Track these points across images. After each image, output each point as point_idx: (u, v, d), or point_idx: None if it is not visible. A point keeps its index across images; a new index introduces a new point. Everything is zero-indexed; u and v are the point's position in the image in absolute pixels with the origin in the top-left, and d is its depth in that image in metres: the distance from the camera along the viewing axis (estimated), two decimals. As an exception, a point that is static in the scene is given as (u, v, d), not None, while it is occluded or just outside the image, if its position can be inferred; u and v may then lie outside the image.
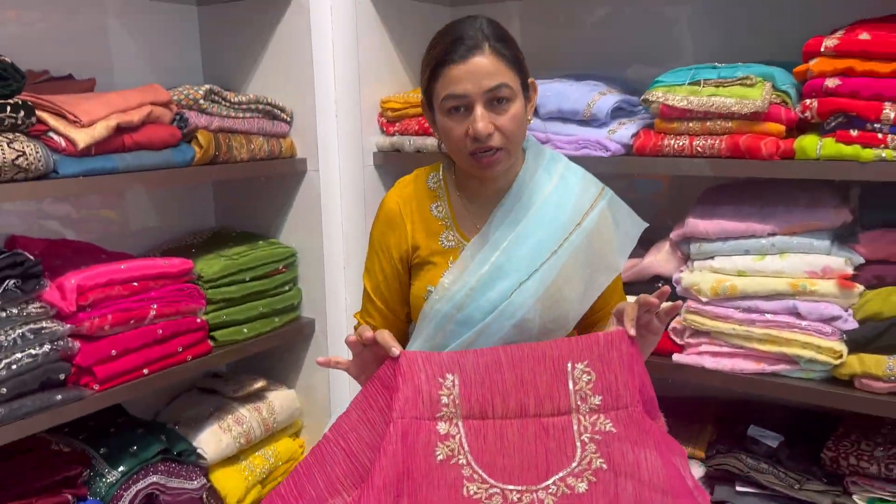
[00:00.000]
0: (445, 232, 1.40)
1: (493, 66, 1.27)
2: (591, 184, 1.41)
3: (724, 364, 1.65)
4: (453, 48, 1.27)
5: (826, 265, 1.55)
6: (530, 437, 1.19)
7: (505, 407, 1.20)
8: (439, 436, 1.19)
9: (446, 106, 1.29)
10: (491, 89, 1.26)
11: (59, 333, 1.51)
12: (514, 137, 1.31)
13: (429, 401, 1.20)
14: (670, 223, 1.78)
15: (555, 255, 1.33)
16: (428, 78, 1.32)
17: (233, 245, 1.99)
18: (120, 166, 1.59)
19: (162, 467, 1.74)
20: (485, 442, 1.19)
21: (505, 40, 1.31)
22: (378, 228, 1.45)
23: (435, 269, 1.39)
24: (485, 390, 1.20)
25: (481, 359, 1.21)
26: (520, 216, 1.36)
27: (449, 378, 1.21)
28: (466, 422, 1.20)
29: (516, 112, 1.29)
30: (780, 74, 1.58)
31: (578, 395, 1.20)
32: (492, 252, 1.34)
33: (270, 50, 2.04)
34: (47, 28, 1.84)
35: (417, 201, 1.43)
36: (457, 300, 1.33)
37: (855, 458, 1.60)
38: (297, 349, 2.17)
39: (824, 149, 1.48)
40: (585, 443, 1.18)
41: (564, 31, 2.16)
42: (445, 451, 1.18)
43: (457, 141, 1.30)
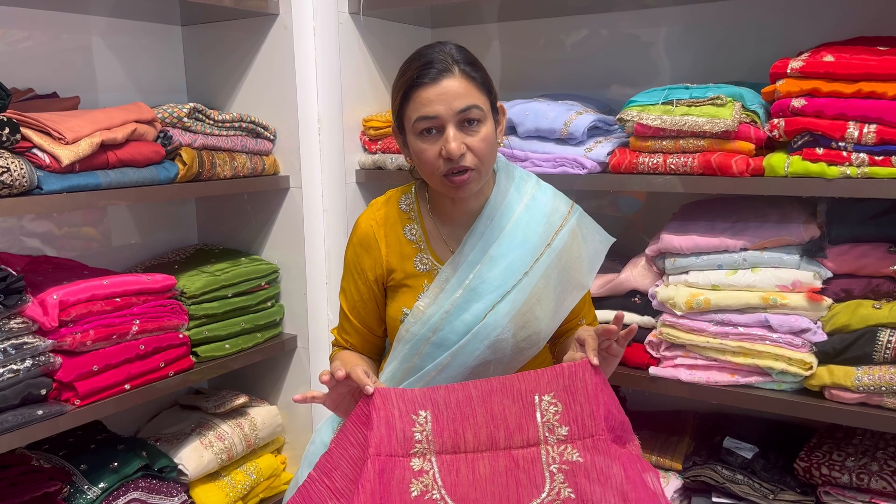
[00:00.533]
0: (419, 255, 1.43)
1: (463, 88, 1.30)
2: (561, 202, 1.46)
3: (699, 376, 1.68)
4: (424, 72, 1.30)
5: (796, 279, 1.59)
6: (501, 469, 1.22)
7: (476, 441, 1.23)
8: (413, 472, 1.21)
9: (418, 128, 1.31)
10: (462, 110, 1.29)
11: (40, 349, 1.51)
12: (486, 158, 1.33)
13: (402, 437, 1.22)
14: (646, 239, 1.82)
15: (526, 276, 1.37)
16: (399, 102, 1.35)
17: (215, 261, 2.01)
18: (103, 183, 1.61)
19: (143, 483, 1.74)
20: (458, 476, 1.22)
21: (473, 64, 1.34)
22: (352, 250, 1.48)
23: (410, 292, 1.42)
24: (457, 425, 1.23)
25: (452, 394, 1.24)
26: (491, 239, 1.39)
27: (422, 414, 1.23)
28: (439, 457, 1.22)
29: (487, 133, 1.32)
30: (749, 94, 1.63)
31: (546, 426, 1.23)
32: (465, 275, 1.38)
33: (254, 69, 2.07)
34: (32, 47, 1.85)
35: (390, 224, 1.45)
36: (432, 323, 1.37)
37: (827, 468, 1.63)
38: (279, 365, 2.18)
39: (792, 166, 1.52)
40: (554, 473, 1.21)
41: (543, 53, 2.21)
42: (419, 487, 1.21)
43: (430, 162, 1.32)
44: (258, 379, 2.22)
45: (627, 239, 2.06)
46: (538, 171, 1.82)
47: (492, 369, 1.38)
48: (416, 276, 1.42)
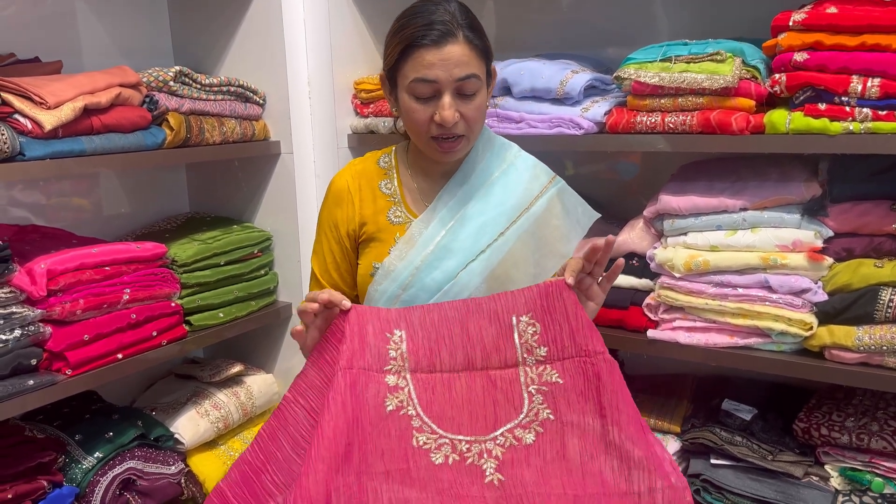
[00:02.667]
0: (393, 208, 1.41)
1: (465, 56, 1.26)
2: (542, 172, 1.43)
3: (698, 339, 1.66)
4: (427, 32, 1.25)
5: (796, 239, 1.57)
6: (478, 389, 1.21)
7: (452, 361, 1.22)
8: (388, 387, 1.20)
9: (414, 89, 1.28)
10: (461, 79, 1.26)
11: (29, 318, 1.49)
12: (476, 126, 1.33)
13: (377, 354, 1.21)
14: (643, 200, 1.79)
15: (502, 237, 1.35)
16: (396, 57, 1.30)
17: (207, 229, 1.98)
18: (88, 148, 1.57)
19: (139, 453, 1.73)
20: (433, 394, 1.21)
21: (477, 30, 1.30)
22: (326, 207, 1.45)
23: (381, 246, 1.39)
24: (432, 344, 1.22)
25: (428, 314, 1.23)
26: (467, 198, 1.37)
27: (397, 333, 1.22)
28: (414, 375, 1.21)
29: (481, 103, 1.31)
30: (749, 50, 1.59)
31: (524, 347, 1.22)
32: (437, 231, 1.35)
33: (242, 32, 2.02)
34: (15, 12, 1.80)
35: (367, 178, 1.44)
36: (401, 279, 1.34)
37: (826, 428, 1.63)
38: (273, 333, 2.16)
39: (793, 123, 1.49)
40: (532, 394, 1.20)
41: (538, 12, 2.15)
42: (395, 402, 1.20)
43: (420, 124, 1.30)
44: (253, 347, 2.20)
45: (625, 200, 2.04)
46: (534, 133, 1.78)
47: None
48: (389, 228, 1.39)
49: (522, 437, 1.19)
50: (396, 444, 1.17)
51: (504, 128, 1.82)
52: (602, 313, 1.76)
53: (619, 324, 1.78)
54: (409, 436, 1.18)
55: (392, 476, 1.16)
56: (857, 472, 1.58)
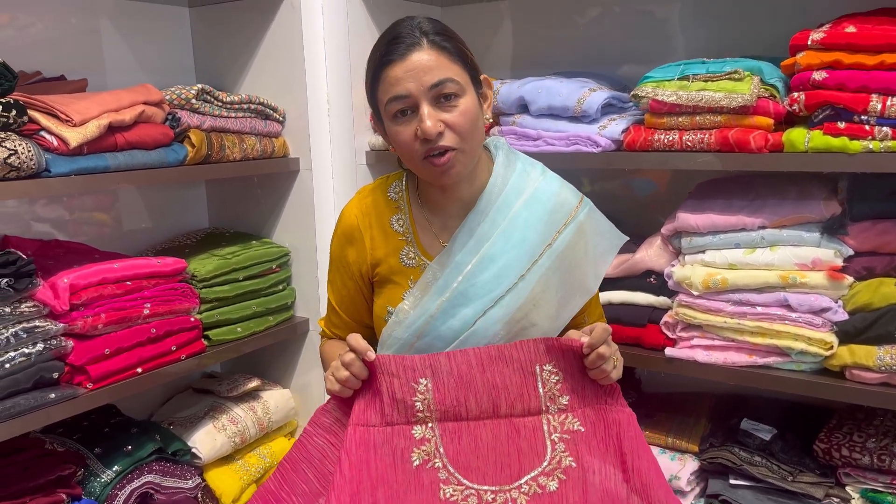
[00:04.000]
0: (406, 248, 1.33)
1: (433, 61, 1.18)
2: (570, 194, 1.33)
3: (717, 357, 1.65)
4: (391, 48, 1.20)
5: (816, 257, 1.56)
6: (503, 437, 1.22)
7: (479, 408, 1.22)
8: (414, 441, 1.21)
9: (391, 110, 1.21)
10: (434, 85, 1.18)
11: (52, 332, 1.51)
12: (468, 135, 1.22)
13: (403, 407, 1.21)
14: (661, 218, 1.79)
15: (523, 280, 1.26)
16: (370, 86, 1.25)
17: (226, 245, 2.00)
18: (112, 165, 1.60)
19: (156, 466, 1.74)
20: (459, 443, 1.21)
21: (445, 34, 1.23)
22: (337, 242, 1.38)
23: (395, 289, 1.33)
24: (458, 392, 1.22)
25: (453, 361, 1.22)
26: (485, 236, 1.26)
27: (422, 382, 1.22)
28: (441, 424, 1.22)
29: (467, 108, 1.21)
30: (767, 68, 1.59)
31: (547, 396, 1.23)
32: (453, 277, 1.26)
33: (262, 50, 2.05)
34: (40, 30, 1.84)
35: (377, 214, 1.35)
36: (416, 327, 1.27)
37: (847, 449, 1.61)
38: (291, 348, 2.17)
39: (812, 141, 1.49)
40: (555, 442, 1.21)
41: (555, 30, 2.17)
42: (422, 456, 1.20)
43: (407, 146, 1.21)
44: (270, 362, 2.21)
45: (642, 218, 2.04)
46: (551, 150, 1.79)
47: None
48: (402, 271, 1.31)
49: (546, 485, 1.19)
50: (424, 498, 1.18)
51: (521, 145, 1.83)
52: (619, 331, 1.77)
53: (636, 342, 1.77)
54: (436, 489, 1.18)
55: None
56: (879, 493, 1.56)
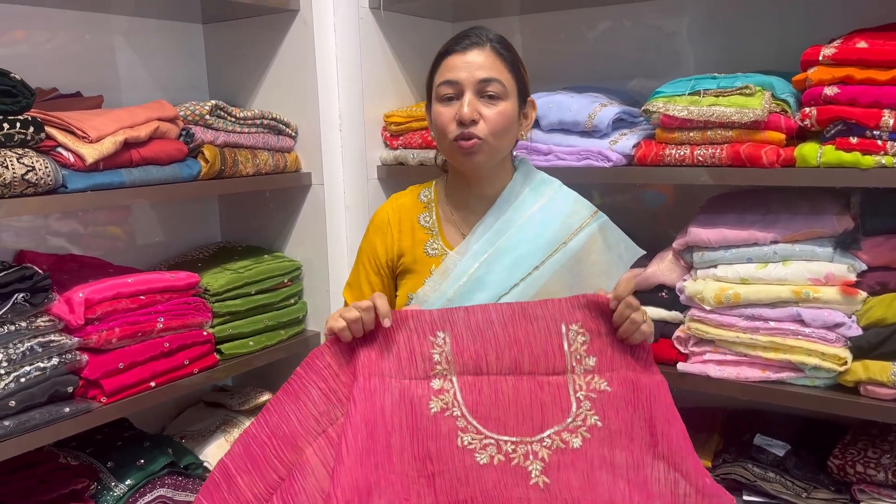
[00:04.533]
0: (430, 240, 1.43)
1: (489, 61, 1.32)
2: (583, 207, 1.43)
3: (729, 372, 1.65)
4: (456, 41, 1.35)
5: (829, 272, 1.55)
6: (525, 392, 1.20)
7: (499, 363, 1.22)
8: (433, 391, 1.20)
9: (440, 93, 1.34)
10: (483, 80, 1.31)
11: (67, 346, 1.52)
12: (498, 134, 1.33)
13: (421, 359, 1.20)
14: (672, 233, 1.79)
15: (536, 271, 1.34)
16: (430, 72, 1.38)
17: (238, 259, 2.01)
18: (127, 181, 1.61)
19: (169, 480, 1.75)
20: (479, 395, 1.20)
21: (507, 45, 1.37)
22: (367, 238, 1.49)
23: (417, 278, 1.41)
24: (478, 346, 1.21)
25: (472, 316, 1.22)
26: (502, 230, 1.37)
27: (440, 335, 1.22)
28: (460, 377, 1.21)
29: (505, 110, 1.33)
30: (779, 83, 1.60)
31: (573, 356, 1.22)
32: (471, 263, 1.35)
33: (275, 66, 2.07)
34: (55, 47, 1.87)
35: (406, 211, 1.47)
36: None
37: (862, 465, 1.59)
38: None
39: (824, 156, 1.49)
40: (581, 400, 1.20)
41: (565, 45, 2.18)
42: (439, 404, 1.20)
43: (443, 125, 1.34)
44: (281, 376, 2.18)
45: (654, 233, 2.03)
46: (562, 165, 1.80)
47: None
48: (425, 260, 1.41)
49: (569, 441, 1.18)
50: (441, 444, 1.17)
51: (532, 160, 1.83)
52: (631, 345, 1.77)
53: (648, 356, 1.76)
54: (453, 436, 1.18)
55: (436, 477, 1.16)
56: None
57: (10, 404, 1.42)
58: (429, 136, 2.01)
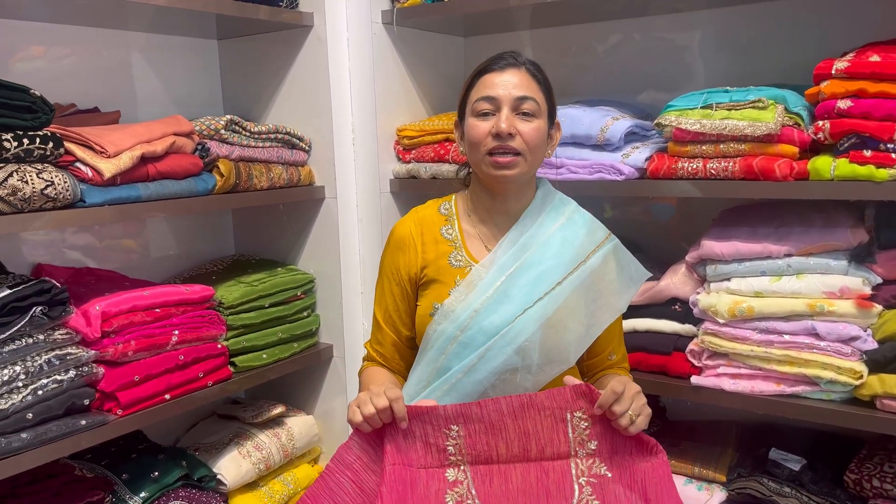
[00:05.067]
0: (454, 252, 1.45)
1: (525, 81, 1.39)
2: (598, 228, 1.47)
3: (744, 386, 1.64)
4: (493, 62, 1.41)
5: (844, 285, 1.55)
6: (532, 479, 1.25)
7: (509, 452, 1.26)
8: (448, 483, 1.25)
9: (478, 108, 1.39)
10: (519, 98, 1.37)
11: (83, 359, 1.53)
12: (533, 150, 1.38)
13: (436, 450, 1.26)
14: (685, 246, 1.79)
15: (559, 286, 1.38)
16: (466, 89, 1.43)
17: (252, 272, 2.02)
18: (144, 195, 1.63)
19: (183, 493, 1.75)
20: (491, 486, 1.25)
21: (539, 69, 1.44)
22: (389, 253, 1.51)
23: (441, 288, 1.43)
24: (489, 438, 1.26)
25: (484, 409, 1.27)
26: (527, 245, 1.41)
27: (454, 429, 1.26)
28: (473, 467, 1.26)
29: (539, 127, 1.39)
30: (791, 97, 1.60)
31: (577, 440, 1.27)
32: (498, 276, 1.39)
33: (289, 81, 2.09)
34: (73, 63, 1.89)
35: (428, 224, 1.49)
36: (461, 321, 1.37)
37: (878, 480, 1.58)
38: (315, 375, 2.18)
39: (838, 169, 1.49)
40: (583, 486, 1.25)
41: (576, 59, 2.19)
42: (455, 497, 1.24)
43: (479, 138, 1.38)
44: (294, 389, 2.22)
45: (667, 246, 2.04)
46: (574, 178, 1.80)
47: (519, 378, 1.36)
48: (449, 271, 1.43)
49: None
50: None
51: (544, 174, 1.85)
52: (644, 359, 1.77)
53: (661, 370, 1.76)
54: None
55: None
56: (913, 526, 1.54)
57: (28, 417, 1.43)
58: (441, 149, 2.02)
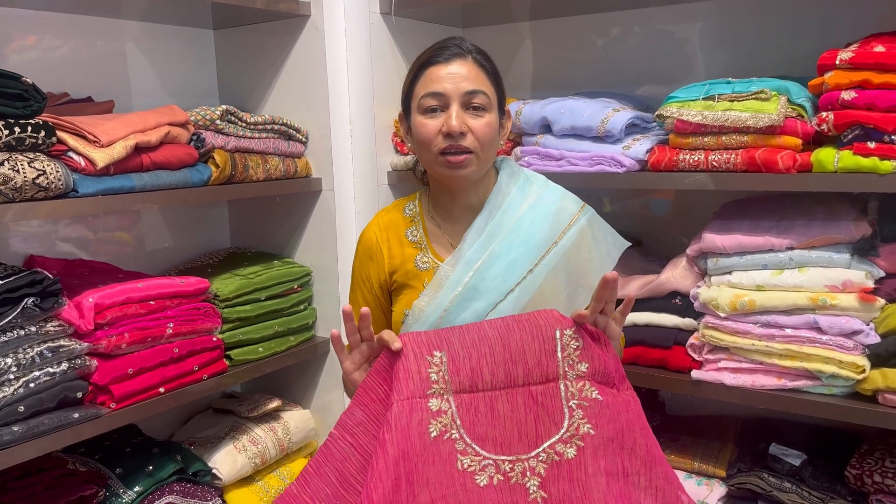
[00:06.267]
0: (420, 254, 1.41)
1: (472, 73, 1.32)
2: (571, 202, 1.41)
3: (744, 380, 1.63)
4: (437, 52, 1.34)
5: (846, 279, 1.53)
6: (520, 406, 1.22)
7: (494, 379, 1.22)
8: (431, 413, 1.20)
9: (423, 105, 1.32)
10: (469, 92, 1.31)
11: (76, 352, 1.51)
12: (486, 146, 1.33)
13: (419, 380, 1.21)
14: (686, 239, 1.77)
15: (531, 274, 1.34)
16: (410, 82, 1.37)
17: (248, 264, 2.00)
18: (137, 185, 1.61)
19: (177, 487, 1.73)
20: (476, 415, 1.21)
21: (487, 57, 1.37)
22: (358, 260, 1.48)
23: (412, 292, 1.39)
24: (473, 363, 1.22)
25: (468, 334, 1.23)
26: (493, 235, 1.36)
27: (437, 355, 1.22)
28: (457, 396, 1.21)
29: (490, 121, 1.33)
30: (794, 88, 1.58)
31: (566, 361, 1.22)
32: (465, 272, 1.34)
33: (285, 71, 2.06)
34: (66, 52, 1.87)
35: (394, 228, 1.45)
36: (431, 322, 1.33)
37: (879, 475, 1.57)
38: (311, 369, 2.16)
39: (842, 161, 1.47)
40: (573, 409, 1.21)
41: (575, 51, 2.17)
42: (438, 427, 1.20)
43: (428, 138, 1.32)
44: (291, 382, 2.20)
45: (667, 239, 2.03)
46: (575, 171, 1.79)
47: None
48: (417, 275, 1.40)
49: (563, 452, 1.20)
50: (441, 469, 1.18)
51: (545, 165, 1.83)
52: (644, 353, 1.75)
53: (661, 364, 1.75)
54: (453, 460, 1.18)
55: (437, 502, 1.17)
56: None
57: (19, 409, 1.41)
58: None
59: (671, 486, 1.21)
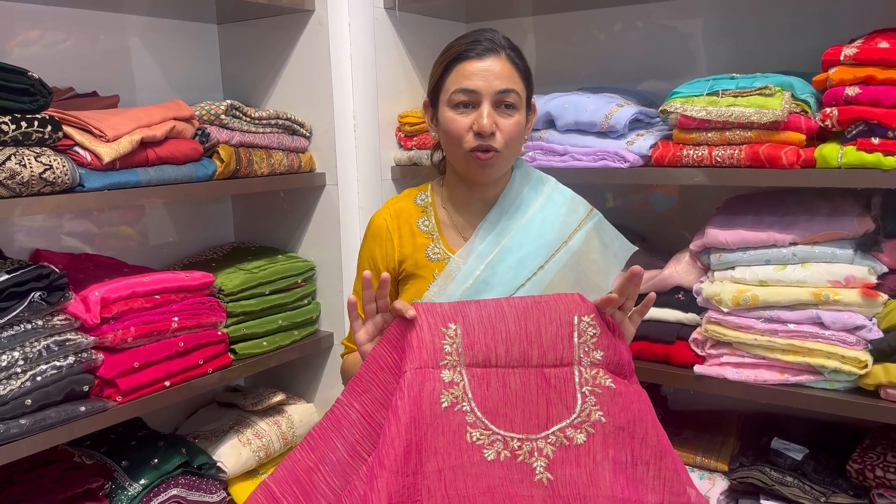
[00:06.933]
0: (431, 245, 1.41)
1: (506, 71, 1.30)
2: (580, 205, 1.42)
3: (747, 375, 1.63)
4: (471, 46, 1.31)
5: (849, 274, 1.54)
6: (532, 386, 1.21)
7: (508, 356, 1.22)
8: (443, 383, 1.20)
9: (454, 100, 1.31)
10: (501, 91, 1.29)
11: (83, 345, 1.52)
12: (513, 145, 1.33)
13: (432, 350, 1.20)
14: (689, 234, 1.78)
15: (541, 271, 1.34)
16: (440, 73, 1.35)
17: (252, 259, 2.01)
18: (143, 180, 1.61)
19: (182, 480, 1.74)
20: (488, 389, 1.20)
21: (520, 54, 1.35)
22: (366, 245, 1.47)
23: (421, 282, 1.39)
24: (488, 339, 1.21)
25: (484, 309, 1.23)
26: (506, 230, 1.37)
27: (452, 327, 1.22)
28: (470, 369, 1.21)
29: (519, 121, 1.33)
30: (798, 84, 1.58)
31: (582, 347, 1.22)
32: (477, 265, 1.35)
33: (290, 66, 2.07)
34: (71, 46, 1.87)
35: (405, 216, 1.44)
36: None
37: (881, 469, 1.57)
38: (315, 363, 2.17)
39: (845, 157, 1.47)
40: (586, 395, 1.21)
41: (578, 46, 2.17)
42: (450, 398, 1.19)
43: (458, 134, 1.31)
44: (294, 376, 2.21)
45: (670, 234, 2.03)
46: (578, 166, 1.79)
47: None
48: (427, 265, 1.39)
49: (574, 437, 1.19)
50: (450, 440, 1.18)
51: (548, 160, 1.83)
52: (647, 347, 1.76)
53: (664, 358, 1.75)
54: (462, 432, 1.18)
55: (445, 473, 1.17)
56: (916, 516, 1.53)
57: (26, 403, 1.42)
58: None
59: (679, 479, 1.20)
